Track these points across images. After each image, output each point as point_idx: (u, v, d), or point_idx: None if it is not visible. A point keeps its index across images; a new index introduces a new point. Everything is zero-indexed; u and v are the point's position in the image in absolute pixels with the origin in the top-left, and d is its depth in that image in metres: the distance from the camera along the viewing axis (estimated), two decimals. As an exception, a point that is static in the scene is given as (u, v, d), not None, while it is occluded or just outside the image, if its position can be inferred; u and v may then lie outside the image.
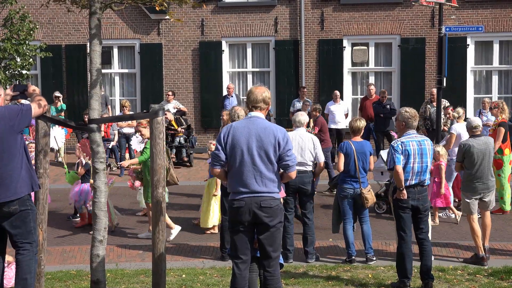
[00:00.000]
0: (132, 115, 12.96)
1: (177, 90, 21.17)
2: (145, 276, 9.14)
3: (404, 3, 20.45)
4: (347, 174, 9.97)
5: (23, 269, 6.42)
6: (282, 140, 6.46)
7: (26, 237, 6.43)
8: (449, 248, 10.69)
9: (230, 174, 6.59)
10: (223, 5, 20.99)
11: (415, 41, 20.55)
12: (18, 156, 6.35)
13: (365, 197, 9.86)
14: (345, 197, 10.00)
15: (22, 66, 17.98)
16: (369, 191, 9.95)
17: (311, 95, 20.69)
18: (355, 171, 9.87)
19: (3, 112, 6.29)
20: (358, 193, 9.89)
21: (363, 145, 10.04)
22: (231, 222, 6.64)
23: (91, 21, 6.99)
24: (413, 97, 20.15)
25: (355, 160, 9.88)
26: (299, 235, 10.45)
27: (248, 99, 6.69)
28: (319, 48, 20.84)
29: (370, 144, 10.42)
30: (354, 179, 9.90)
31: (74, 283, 8.98)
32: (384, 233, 11.56)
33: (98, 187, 6.98)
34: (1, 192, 6.26)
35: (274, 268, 6.62)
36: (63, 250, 10.88)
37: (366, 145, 10.12)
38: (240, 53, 21.51)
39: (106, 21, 20.59)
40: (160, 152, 6.82)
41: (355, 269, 9.57)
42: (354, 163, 9.89)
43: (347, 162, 9.95)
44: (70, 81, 21.32)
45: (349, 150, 9.95)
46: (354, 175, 9.88)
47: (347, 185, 9.96)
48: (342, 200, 10.06)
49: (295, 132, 10.22)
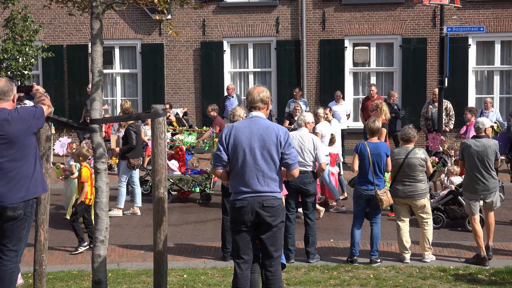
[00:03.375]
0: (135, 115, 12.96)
1: (178, 91, 21.20)
2: (146, 276, 9.14)
3: (405, 3, 20.44)
4: (362, 175, 9.95)
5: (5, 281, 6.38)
6: (284, 139, 6.47)
7: (15, 243, 6.40)
8: (450, 249, 10.68)
9: (232, 174, 6.59)
10: (225, 5, 20.99)
11: (416, 41, 20.54)
12: (32, 157, 6.39)
13: (380, 198, 9.82)
14: (359, 197, 9.97)
15: (24, 66, 17.98)
16: (385, 192, 9.88)
17: (312, 96, 20.70)
18: (370, 172, 9.84)
19: (21, 113, 6.33)
20: (373, 194, 9.87)
21: (378, 146, 9.98)
22: (233, 222, 6.64)
23: (92, 21, 6.99)
24: (415, 97, 20.16)
25: (370, 161, 9.84)
26: (300, 235, 10.44)
27: (247, 99, 6.73)
28: (320, 48, 20.84)
29: (387, 145, 10.35)
30: (369, 180, 9.86)
31: (75, 283, 8.98)
32: (385, 233, 11.54)
33: (99, 187, 6.98)
34: (13, 193, 6.27)
35: (276, 268, 6.62)
36: (65, 250, 10.87)
37: (382, 147, 10.03)
38: (242, 53, 21.51)
39: (107, 21, 20.60)
40: (162, 152, 6.83)
41: (357, 269, 9.56)
42: (368, 164, 9.85)
43: (361, 163, 9.92)
44: (72, 82, 21.32)
45: (363, 150, 9.90)
46: (368, 176, 9.85)
47: (361, 186, 9.93)
48: (356, 201, 10.05)
49: (296, 132, 10.22)
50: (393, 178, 10.01)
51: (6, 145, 6.24)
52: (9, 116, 6.27)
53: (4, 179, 6.25)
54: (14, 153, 6.26)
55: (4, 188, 6.25)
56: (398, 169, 9.90)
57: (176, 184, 14.32)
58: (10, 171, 6.26)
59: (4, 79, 6.45)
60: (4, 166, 6.25)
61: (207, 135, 15.38)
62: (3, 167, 6.25)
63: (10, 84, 6.43)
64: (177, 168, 14.85)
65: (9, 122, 6.25)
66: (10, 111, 6.33)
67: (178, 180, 14.35)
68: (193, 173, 14.60)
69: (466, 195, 10.06)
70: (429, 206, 10.17)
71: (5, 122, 6.24)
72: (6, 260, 6.38)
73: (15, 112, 6.32)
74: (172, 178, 14.33)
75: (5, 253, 6.38)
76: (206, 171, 14.50)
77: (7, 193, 6.26)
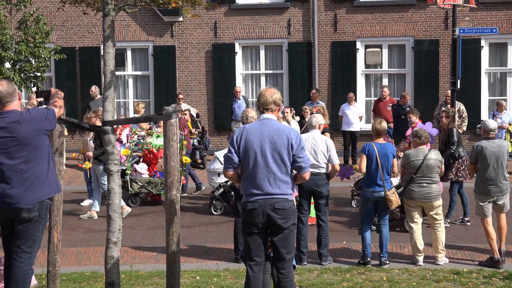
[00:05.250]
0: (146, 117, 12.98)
1: (190, 92, 21.21)
2: (159, 278, 9.15)
3: (417, 5, 20.37)
4: (369, 176, 9.93)
5: (19, 282, 6.41)
6: (295, 142, 6.46)
7: (29, 245, 6.42)
8: (464, 251, 10.63)
9: (243, 176, 6.58)
10: (236, 7, 20.99)
11: (428, 43, 20.46)
12: (45, 158, 6.41)
13: (389, 199, 9.80)
14: (368, 199, 9.96)
15: (37, 68, 18.06)
16: (394, 193, 9.88)
17: (324, 97, 20.65)
18: (378, 173, 9.82)
19: (33, 114, 6.35)
20: (381, 196, 9.83)
21: (385, 147, 9.98)
22: (245, 224, 6.63)
23: (104, 23, 7.01)
24: (427, 99, 20.08)
25: (378, 162, 9.82)
26: (313, 237, 10.42)
27: (259, 101, 6.69)
28: (332, 50, 20.80)
29: (394, 146, 10.35)
30: (377, 181, 9.84)
31: (88, 284, 9.00)
32: (398, 236, 11.51)
33: (112, 189, 6.99)
34: (27, 195, 6.30)
35: (288, 270, 6.61)
36: (78, 252, 10.91)
37: (389, 147, 10.04)
38: (253, 55, 21.51)
39: (119, 23, 20.66)
40: (174, 154, 6.83)
41: (370, 272, 9.54)
42: (376, 165, 9.83)
43: (369, 164, 9.90)
44: (84, 83, 21.37)
45: (371, 151, 9.89)
46: (376, 177, 9.83)
47: (369, 188, 9.91)
48: (364, 203, 10.03)
49: (308, 134, 10.20)
50: (409, 179, 9.95)
51: (19, 146, 6.26)
52: (20, 117, 6.29)
53: (18, 181, 6.28)
54: (27, 154, 6.29)
55: (19, 189, 6.28)
56: (416, 171, 9.85)
57: (145, 187, 14.25)
58: (24, 172, 6.28)
59: (4, 81, 6.46)
60: (17, 167, 6.27)
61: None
62: (17, 169, 6.27)
63: (12, 84, 6.47)
64: (146, 171, 14.80)
65: (20, 124, 6.27)
66: (22, 112, 6.35)
67: (147, 183, 14.29)
68: (162, 176, 14.48)
69: (479, 198, 10.00)
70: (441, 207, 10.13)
71: (16, 124, 6.27)
72: (20, 262, 6.40)
73: (26, 114, 6.34)
74: (141, 181, 14.29)
75: (19, 254, 6.40)
76: None
77: (21, 195, 6.28)
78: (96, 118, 13.15)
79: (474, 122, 18.65)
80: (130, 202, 14.20)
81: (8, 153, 6.27)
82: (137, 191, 14.20)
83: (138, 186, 14.20)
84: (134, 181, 14.16)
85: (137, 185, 14.18)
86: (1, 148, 6.27)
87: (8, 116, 6.31)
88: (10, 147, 6.26)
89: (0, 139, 6.28)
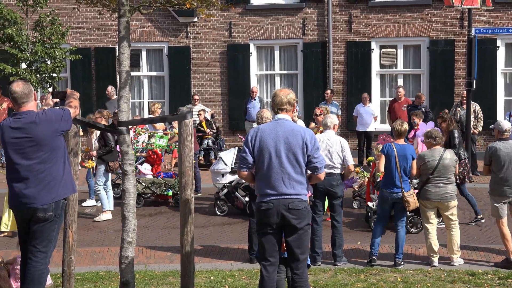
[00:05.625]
0: (161, 117, 13.01)
1: (205, 93, 21.25)
2: (173, 278, 9.18)
3: (433, 5, 20.29)
4: (388, 177, 9.89)
5: (34, 281, 6.45)
6: (310, 142, 6.46)
7: (44, 245, 6.47)
8: (479, 252, 10.57)
9: (258, 176, 6.59)
10: (251, 7, 21.01)
11: (444, 43, 20.38)
12: (61, 158, 6.45)
13: (407, 200, 9.77)
14: (385, 200, 9.92)
15: (53, 69, 18.16)
16: (411, 194, 9.84)
17: (339, 98, 20.62)
18: (396, 174, 9.78)
19: (49, 115, 6.40)
20: (399, 197, 9.81)
21: (405, 148, 9.94)
22: (259, 225, 6.64)
23: (120, 23, 7.03)
24: (442, 99, 19.99)
25: (397, 163, 9.79)
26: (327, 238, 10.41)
27: (273, 102, 6.70)
28: (347, 50, 20.77)
29: (413, 147, 10.31)
30: (395, 182, 9.80)
31: (103, 284, 9.04)
32: (413, 237, 11.47)
33: (127, 189, 7.01)
34: (43, 195, 6.34)
35: (302, 270, 6.61)
36: (93, 251, 10.96)
37: (409, 149, 10.01)
38: (268, 55, 21.51)
39: (134, 24, 20.73)
40: (189, 154, 6.84)
41: (384, 273, 9.51)
42: (395, 166, 9.79)
43: (388, 165, 9.86)
44: (99, 84, 21.47)
45: (390, 152, 9.86)
46: (395, 178, 9.79)
47: (387, 189, 9.88)
48: (382, 203, 9.99)
49: (323, 134, 10.18)
50: (425, 180, 9.91)
51: (35, 147, 6.31)
52: (36, 118, 6.33)
53: (34, 181, 6.32)
54: (43, 154, 6.33)
55: (35, 189, 6.32)
56: (433, 171, 9.81)
57: (149, 187, 14.24)
58: (40, 172, 6.33)
59: (20, 82, 6.52)
60: (33, 168, 6.31)
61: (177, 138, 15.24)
62: (33, 169, 6.31)
63: (28, 85, 6.52)
64: (150, 171, 14.83)
65: (37, 124, 6.31)
66: (38, 113, 6.39)
67: (151, 184, 14.30)
68: (165, 176, 14.52)
69: (494, 199, 9.95)
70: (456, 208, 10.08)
71: (33, 125, 6.31)
72: (35, 262, 6.44)
73: (42, 114, 6.38)
74: (144, 182, 14.30)
75: (35, 254, 6.44)
76: None
77: (37, 195, 6.32)
78: (101, 119, 13.27)
79: (490, 122, 18.50)
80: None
81: (24, 154, 6.32)
82: (141, 191, 14.19)
83: (142, 186, 14.21)
84: (138, 181, 14.17)
85: (141, 186, 14.19)
86: (17, 148, 6.32)
87: (24, 117, 6.36)
88: (26, 148, 6.31)
89: (17, 140, 6.33)
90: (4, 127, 6.42)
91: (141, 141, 14.52)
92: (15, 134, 6.33)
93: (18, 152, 6.33)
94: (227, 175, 13.40)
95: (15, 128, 6.34)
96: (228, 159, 13.86)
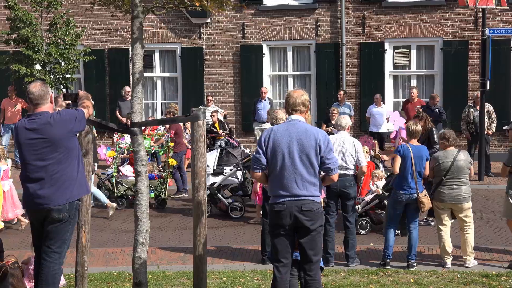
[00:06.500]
0: (173, 118, 13.03)
1: (218, 94, 21.26)
2: (186, 279, 9.19)
3: (446, 5, 20.21)
4: (402, 178, 9.84)
5: (48, 282, 6.47)
6: (323, 143, 6.45)
7: (58, 245, 6.49)
8: (493, 253, 10.52)
9: (271, 177, 6.59)
10: (264, 8, 21.00)
11: (458, 44, 20.29)
12: (75, 159, 6.47)
13: (422, 201, 9.74)
14: (399, 202, 9.87)
15: (67, 70, 18.24)
16: (426, 195, 9.81)
17: (352, 99, 20.57)
18: (412, 175, 9.74)
19: (64, 116, 6.43)
20: (413, 198, 9.77)
21: (420, 149, 9.91)
22: (272, 226, 6.64)
23: (133, 24, 7.05)
24: (456, 100, 19.90)
25: (412, 164, 9.75)
26: (340, 239, 10.39)
27: (287, 103, 6.68)
28: (360, 51, 20.72)
29: (427, 149, 10.26)
30: (410, 183, 9.76)
31: (116, 284, 9.07)
32: (426, 238, 11.43)
33: (140, 189, 7.03)
34: (58, 196, 6.37)
35: (315, 272, 6.61)
36: (106, 252, 10.99)
37: (423, 150, 9.97)
38: (281, 56, 21.50)
39: (148, 25, 20.77)
40: (202, 155, 6.85)
41: (397, 274, 9.48)
42: (411, 167, 9.75)
43: (403, 166, 9.82)
44: (113, 85, 21.54)
45: (406, 153, 9.82)
46: (410, 179, 9.75)
47: (402, 191, 9.82)
48: (395, 205, 9.94)
49: (336, 135, 10.17)
50: (438, 182, 9.87)
51: (50, 148, 6.33)
52: (51, 119, 6.36)
53: (49, 182, 6.35)
54: (58, 155, 6.35)
55: (50, 190, 6.35)
56: (446, 173, 9.77)
57: (131, 189, 14.06)
58: (55, 173, 6.35)
59: (37, 83, 6.53)
60: (48, 168, 6.34)
61: (163, 140, 15.29)
62: (48, 170, 6.34)
63: (45, 86, 6.52)
64: (132, 173, 14.77)
65: (52, 125, 6.34)
66: (52, 114, 6.42)
67: (133, 185, 14.06)
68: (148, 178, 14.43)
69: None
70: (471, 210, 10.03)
71: (48, 126, 6.34)
72: (49, 262, 6.46)
73: (57, 115, 6.40)
74: (127, 183, 14.22)
75: (48, 254, 6.47)
76: (162, 176, 14.44)
77: (52, 196, 6.35)
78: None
79: (503, 123, 18.42)
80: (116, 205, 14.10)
81: (39, 154, 6.34)
82: (123, 193, 14.18)
83: (124, 188, 14.17)
84: (120, 183, 14.17)
85: (123, 187, 14.17)
86: (32, 149, 6.35)
87: (39, 118, 6.38)
88: (42, 148, 6.33)
89: (32, 140, 6.35)
90: (20, 128, 6.45)
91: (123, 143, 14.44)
92: (31, 135, 6.35)
93: (33, 152, 6.35)
94: (209, 177, 13.29)
95: (31, 129, 6.37)
96: (210, 160, 13.73)
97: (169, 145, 14.12)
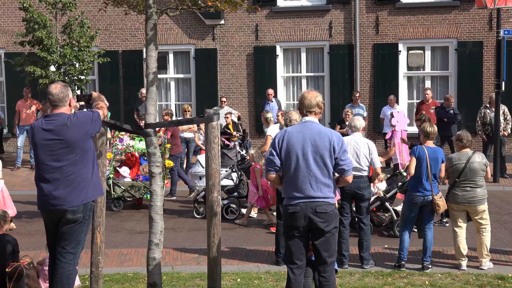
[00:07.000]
0: (188, 119, 13.04)
1: (231, 95, 21.28)
2: (200, 280, 9.20)
3: (461, 6, 20.12)
4: (418, 180, 9.78)
5: (63, 282, 6.49)
6: (337, 145, 6.43)
7: (73, 246, 6.51)
8: (509, 255, 10.45)
9: (285, 179, 6.58)
10: (277, 10, 21.00)
11: (472, 45, 20.18)
12: (90, 160, 6.50)
13: (437, 203, 9.68)
14: (414, 204, 9.80)
15: (81, 71, 18.32)
16: (441, 197, 9.75)
17: (366, 100, 20.53)
18: (427, 176, 9.69)
19: (81, 118, 6.45)
20: (428, 200, 9.73)
21: (435, 151, 9.84)
22: (286, 228, 6.63)
23: (147, 26, 7.07)
24: (471, 101, 19.80)
25: (428, 166, 9.70)
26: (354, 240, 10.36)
27: (302, 104, 6.66)
28: (374, 52, 20.67)
29: (443, 151, 10.22)
30: (425, 185, 9.71)
31: (131, 285, 9.09)
32: (441, 240, 11.38)
33: (154, 190, 7.04)
34: (73, 197, 6.39)
35: (330, 274, 6.59)
36: (120, 253, 11.02)
37: (439, 152, 9.90)
38: (294, 57, 21.49)
39: (161, 27, 20.82)
40: (215, 156, 6.86)
41: (412, 276, 9.44)
42: (426, 169, 9.70)
43: (418, 167, 9.76)
44: (127, 87, 21.61)
45: (422, 154, 9.76)
46: (425, 181, 9.70)
47: (417, 193, 9.75)
48: (411, 206, 9.88)
49: (350, 137, 10.14)
50: (452, 183, 9.82)
51: (67, 149, 6.36)
52: (68, 121, 6.38)
53: (64, 183, 6.37)
54: (74, 156, 6.37)
55: (65, 191, 6.37)
56: (459, 174, 9.72)
57: (128, 191, 14.08)
58: (70, 174, 6.38)
59: (59, 85, 6.55)
60: (64, 170, 6.36)
61: (159, 141, 15.24)
62: (63, 171, 6.36)
63: (66, 89, 6.53)
64: (129, 175, 14.76)
65: (68, 127, 6.36)
66: (69, 116, 6.44)
67: (130, 187, 14.14)
68: (144, 179, 14.28)
69: None
70: (487, 212, 9.97)
71: (65, 127, 6.36)
72: (64, 263, 6.49)
73: (74, 117, 6.43)
74: (123, 185, 14.19)
75: (63, 255, 6.49)
76: None
77: (67, 197, 6.37)
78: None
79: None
80: (113, 206, 14.13)
81: (55, 155, 6.37)
82: (120, 195, 14.17)
83: (121, 190, 14.16)
84: (116, 185, 14.17)
85: (120, 189, 14.17)
86: (48, 150, 6.37)
87: (56, 119, 6.41)
88: (58, 150, 6.36)
89: (48, 141, 6.37)
90: (36, 128, 6.48)
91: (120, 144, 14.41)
92: (47, 136, 6.38)
93: (49, 153, 6.37)
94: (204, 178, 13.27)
95: (47, 130, 6.39)
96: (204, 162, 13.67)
97: (165, 146, 14.17)
